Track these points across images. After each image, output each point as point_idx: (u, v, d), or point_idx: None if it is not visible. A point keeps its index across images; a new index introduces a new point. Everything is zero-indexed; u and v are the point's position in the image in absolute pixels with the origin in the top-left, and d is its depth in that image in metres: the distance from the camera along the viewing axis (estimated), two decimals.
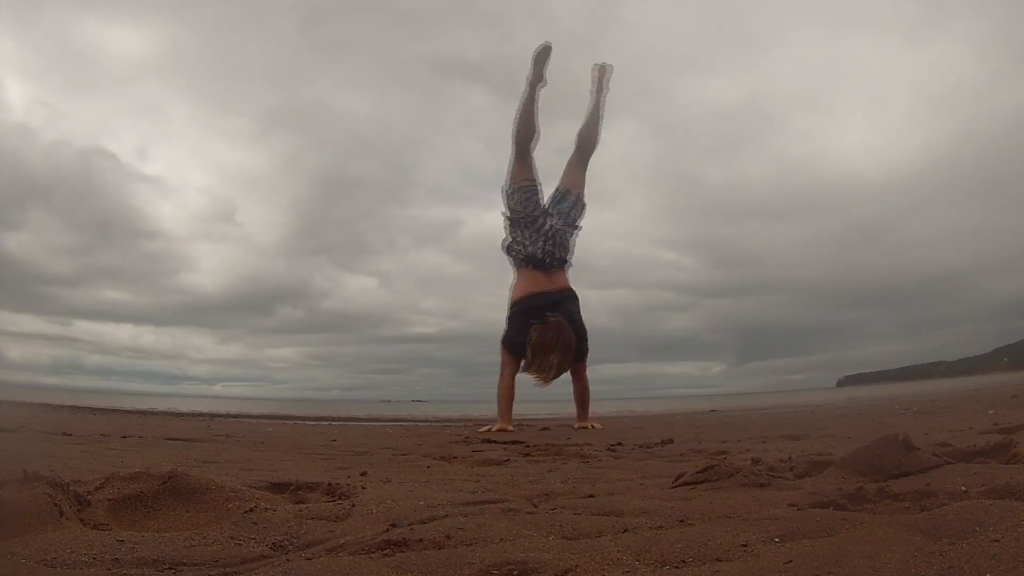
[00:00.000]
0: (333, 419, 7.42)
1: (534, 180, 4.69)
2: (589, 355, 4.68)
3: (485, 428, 4.44)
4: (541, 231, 4.64)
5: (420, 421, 6.64)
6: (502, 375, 4.60)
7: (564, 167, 4.83)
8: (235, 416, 7.36)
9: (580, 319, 4.57)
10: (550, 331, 4.13)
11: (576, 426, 4.56)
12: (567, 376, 4.50)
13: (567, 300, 4.60)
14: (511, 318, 4.59)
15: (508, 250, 4.74)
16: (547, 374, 4.16)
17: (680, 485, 1.26)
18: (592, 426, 4.49)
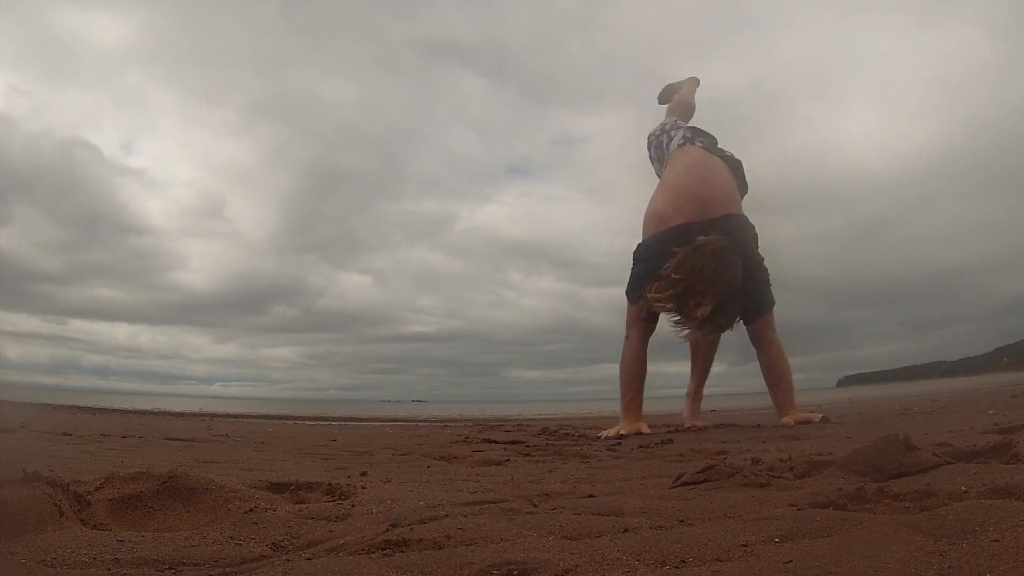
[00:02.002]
0: (333, 419, 7.43)
1: None
2: (776, 308, 3.16)
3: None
4: None
5: (420, 421, 6.65)
6: (627, 343, 3.19)
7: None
8: (235, 416, 7.36)
9: (758, 256, 3.12)
10: (701, 257, 2.73)
11: (781, 421, 3.00)
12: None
13: (734, 228, 3.01)
14: (640, 257, 3.22)
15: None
16: (695, 322, 2.79)
17: (680, 485, 1.26)
18: (810, 419, 2.94)
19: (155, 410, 8.08)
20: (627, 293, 3.27)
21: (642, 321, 3.19)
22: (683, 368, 3.61)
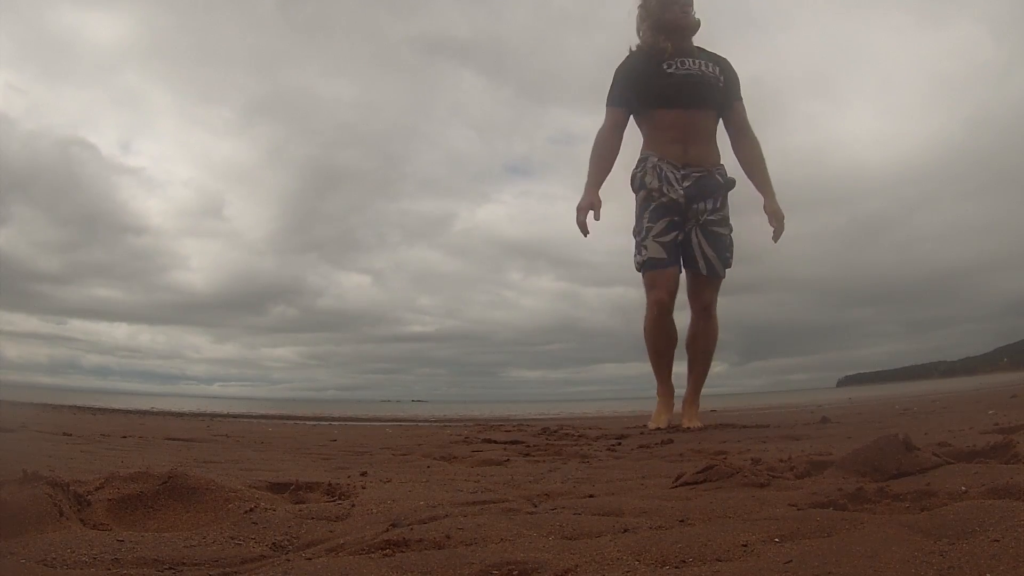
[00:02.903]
0: (333, 419, 7.43)
1: None
2: None
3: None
4: None
5: (420, 421, 6.65)
6: (600, 132, 3.44)
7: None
8: (235, 416, 7.36)
9: (729, 67, 3.47)
10: None
11: (767, 216, 3.40)
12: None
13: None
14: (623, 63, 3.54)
15: None
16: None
17: (680, 485, 1.26)
18: (778, 220, 3.35)
19: (155, 410, 8.08)
20: (608, 102, 3.47)
21: (615, 113, 3.43)
22: (682, 369, 3.59)
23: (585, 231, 3.29)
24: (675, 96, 3.33)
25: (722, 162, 3.52)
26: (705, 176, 3.39)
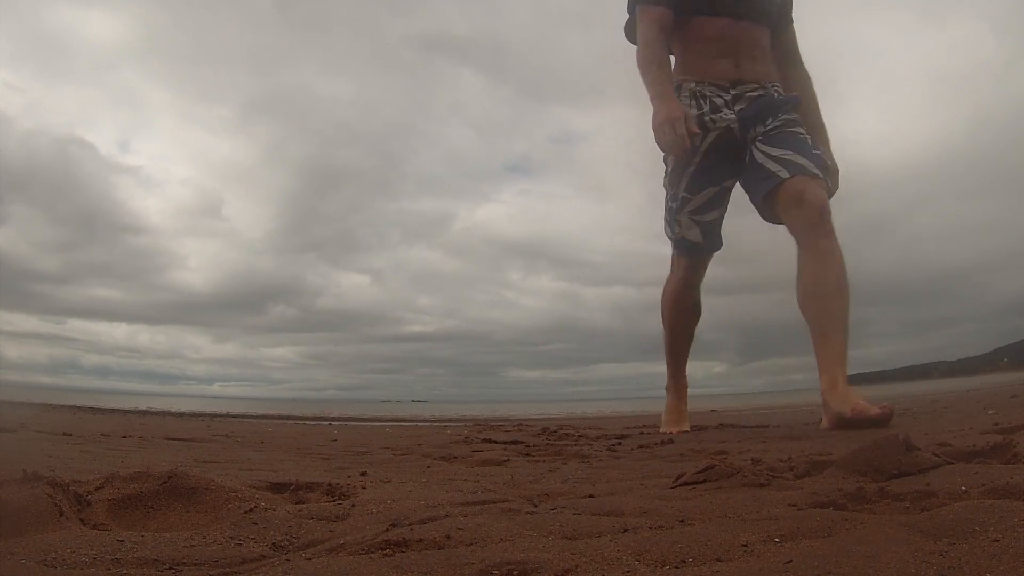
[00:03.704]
0: (333, 419, 7.44)
1: None
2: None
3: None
4: None
5: (420, 421, 6.66)
6: (643, 38, 2.64)
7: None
8: (235, 416, 7.37)
9: None
10: None
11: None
12: None
13: None
14: None
15: None
16: None
17: (680, 485, 1.26)
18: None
19: (155, 410, 8.09)
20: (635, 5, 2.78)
21: (659, 17, 2.67)
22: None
23: (690, 143, 2.47)
24: (724, 1, 2.62)
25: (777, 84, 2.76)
26: (762, 95, 2.61)
